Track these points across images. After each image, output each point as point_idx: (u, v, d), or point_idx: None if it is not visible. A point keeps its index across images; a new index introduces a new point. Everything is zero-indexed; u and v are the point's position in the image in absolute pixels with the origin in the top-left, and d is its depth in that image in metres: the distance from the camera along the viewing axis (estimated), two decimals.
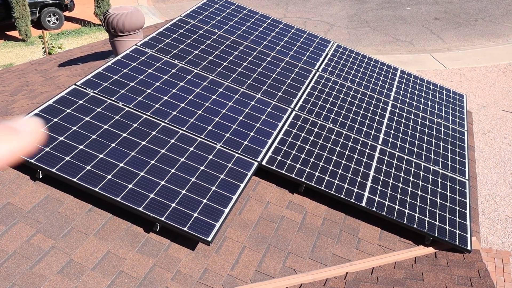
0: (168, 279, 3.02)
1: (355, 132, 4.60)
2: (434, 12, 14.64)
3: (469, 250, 3.84)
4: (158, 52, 4.64)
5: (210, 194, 3.42)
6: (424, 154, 4.67)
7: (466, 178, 4.60)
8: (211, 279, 3.13)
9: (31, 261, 2.84)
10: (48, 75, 5.72)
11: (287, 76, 4.99)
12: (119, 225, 3.24)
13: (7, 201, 3.12)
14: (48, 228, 3.05)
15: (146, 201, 3.22)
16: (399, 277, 3.47)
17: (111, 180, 3.27)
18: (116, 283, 2.89)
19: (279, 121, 4.33)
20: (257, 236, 3.53)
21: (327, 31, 13.42)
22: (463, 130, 5.31)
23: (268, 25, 5.83)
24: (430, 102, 5.56)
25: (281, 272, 3.35)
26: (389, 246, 3.84)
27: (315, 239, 3.67)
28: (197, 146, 3.76)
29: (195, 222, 3.20)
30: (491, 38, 12.91)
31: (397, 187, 4.15)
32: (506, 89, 10.37)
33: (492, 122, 9.21)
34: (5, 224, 2.98)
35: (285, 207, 3.85)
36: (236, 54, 5.04)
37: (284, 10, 15.13)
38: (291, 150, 4.09)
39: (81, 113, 3.69)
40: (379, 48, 12.56)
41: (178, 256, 3.18)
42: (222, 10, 5.77)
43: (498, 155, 8.22)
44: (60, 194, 3.29)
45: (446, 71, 11.17)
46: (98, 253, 3.02)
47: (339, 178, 4.01)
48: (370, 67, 5.75)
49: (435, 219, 3.98)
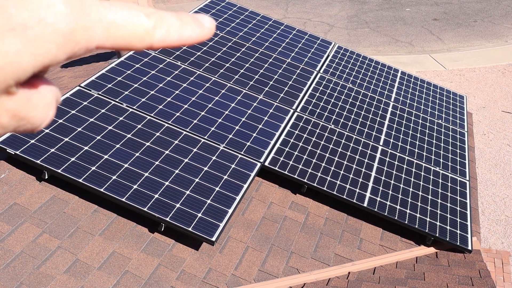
0: (173, 279, 3.05)
1: (357, 133, 4.63)
2: (434, 13, 14.69)
3: (470, 250, 3.88)
4: (161, 54, 4.68)
5: (214, 195, 3.45)
6: (425, 155, 4.71)
7: (466, 178, 4.64)
8: (215, 278, 3.16)
9: (38, 260, 2.87)
10: (51, 76, 5.75)
11: (288, 78, 5.03)
12: (124, 225, 3.27)
13: (14, 202, 3.16)
14: (54, 228, 3.09)
15: (151, 202, 3.25)
16: (400, 277, 3.50)
17: (116, 181, 3.30)
18: (121, 282, 2.93)
19: (281, 122, 4.37)
20: (260, 236, 3.56)
21: (327, 32, 13.47)
22: (463, 131, 5.35)
23: (269, 26, 5.87)
24: (431, 104, 5.60)
25: (284, 272, 3.38)
26: (390, 246, 3.88)
27: (318, 239, 3.71)
28: (201, 147, 3.79)
29: (199, 222, 3.23)
30: (490, 39, 12.96)
31: (399, 187, 4.19)
32: (505, 90, 10.42)
33: (492, 123, 9.25)
34: (12, 224, 3.01)
35: (287, 207, 3.88)
36: (238, 55, 5.08)
37: (283, 10, 15.17)
38: (293, 151, 4.13)
39: (85, 114, 3.73)
40: (378, 49, 12.61)
41: (182, 256, 3.21)
42: (224, 12, 5.80)
43: (497, 155, 8.27)
44: (66, 195, 3.32)
45: (446, 72, 11.21)
46: (103, 253, 3.05)
47: (341, 179, 4.05)
48: (371, 69, 5.79)
49: (436, 219, 4.02)
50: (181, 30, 0.40)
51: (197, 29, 0.41)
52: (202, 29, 0.41)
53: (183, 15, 0.41)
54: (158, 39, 0.38)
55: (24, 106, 0.33)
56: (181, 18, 0.40)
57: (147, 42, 0.38)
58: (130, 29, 0.37)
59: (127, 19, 0.37)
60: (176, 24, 0.39)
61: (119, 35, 0.37)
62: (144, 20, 0.38)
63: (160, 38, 0.38)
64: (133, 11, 0.38)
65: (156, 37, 0.38)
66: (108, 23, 0.36)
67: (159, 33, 0.38)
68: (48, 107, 0.36)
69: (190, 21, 0.41)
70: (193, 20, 0.41)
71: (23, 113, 0.33)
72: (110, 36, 0.36)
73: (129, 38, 0.37)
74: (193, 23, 0.41)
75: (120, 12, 0.37)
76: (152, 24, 0.38)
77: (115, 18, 0.36)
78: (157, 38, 0.38)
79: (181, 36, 0.40)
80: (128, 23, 0.37)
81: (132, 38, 0.37)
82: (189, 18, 0.41)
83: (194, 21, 0.41)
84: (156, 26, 0.38)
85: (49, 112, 0.36)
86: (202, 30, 0.41)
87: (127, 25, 0.37)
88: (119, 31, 0.36)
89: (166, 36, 0.39)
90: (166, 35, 0.39)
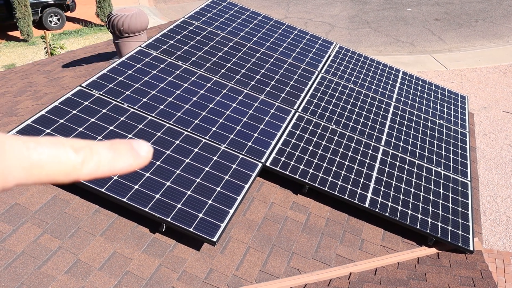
0: (174, 279, 3.05)
1: (358, 134, 4.63)
2: (435, 13, 14.66)
3: (472, 251, 3.87)
4: (162, 54, 4.67)
5: (215, 195, 3.45)
6: (426, 155, 4.71)
7: (468, 179, 4.63)
8: (217, 279, 3.16)
9: (38, 261, 2.87)
10: (52, 76, 5.75)
11: (290, 78, 5.02)
12: (125, 225, 3.27)
13: (15, 202, 3.15)
14: (55, 228, 3.08)
15: (152, 202, 3.25)
16: (402, 278, 3.50)
17: (117, 181, 3.30)
18: (122, 283, 2.92)
19: (282, 123, 4.36)
20: (261, 236, 3.56)
21: (328, 32, 13.44)
22: (465, 131, 5.35)
23: (271, 26, 5.86)
24: (432, 104, 5.59)
25: (286, 272, 3.38)
26: (392, 247, 3.87)
27: (319, 240, 3.71)
28: (202, 147, 3.79)
29: (200, 222, 3.23)
30: (491, 39, 12.94)
31: (400, 188, 4.18)
32: (506, 90, 10.40)
33: (493, 123, 9.24)
34: (13, 225, 3.01)
35: (289, 207, 3.88)
36: (239, 55, 5.08)
37: (285, 10, 15.14)
38: (294, 151, 4.13)
39: (87, 114, 3.72)
40: (380, 49, 12.59)
41: (183, 256, 3.21)
42: (225, 12, 5.80)
43: (499, 156, 8.25)
44: (67, 195, 3.32)
45: (447, 72, 11.20)
46: (104, 253, 3.05)
47: (342, 179, 4.04)
48: (372, 69, 5.79)
49: (438, 220, 4.01)
50: (113, 162, 0.39)
51: (131, 160, 0.40)
52: (137, 159, 0.41)
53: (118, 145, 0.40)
54: (86, 174, 0.38)
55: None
56: (115, 149, 0.40)
57: (73, 177, 0.38)
58: (56, 166, 0.37)
59: (53, 158, 0.37)
60: (108, 156, 0.39)
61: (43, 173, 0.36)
62: (72, 156, 0.37)
63: (88, 173, 0.38)
64: (61, 148, 0.37)
65: (84, 172, 0.38)
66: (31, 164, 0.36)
67: (87, 168, 0.38)
68: None
69: (124, 151, 0.40)
70: (128, 150, 0.40)
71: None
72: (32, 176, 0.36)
73: (54, 175, 0.37)
74: (127, 154, 0.40)
75: (46, 152, 0.36)
76: (80, 159, 0.38)
77: (40, 158, 0.36)
78: (85, 173, 0.38)
79: (113, 168, 0.40)
80: (54, 161, 0.37)
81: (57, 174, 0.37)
82: (124, 148, 0.40)
83: (128, 151, 0.40)
84: (84, 161, 0.38)
85: None
86: (136, 160, 0.41)
87: (53, 162, 0.37)
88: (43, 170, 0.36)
89: (95, 170, 0.39)
90: (95, 168, 0.39)
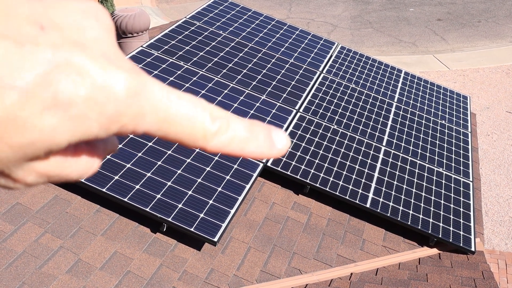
0: (175, 279, 3.05)
1: (360, 134, 4.62)
2: (438, 13, 14.64)
3: (473, 251, 3.86)
4: (164, 54, 4.68)
5: (216, 195, 3.45)
6: (428, 156, 4.70)
7: (470, 179, 4.62)
8: (217, 279, 3.16)
9: (40, 260, 2.87)
10: None
11: (291, 78, 5.02)
12: (126, 225, 3.27)
13: (16, 201, 3.16)
14: (57, 228, 3.09)
15: (153, 202, 3.25)
16: (403, 278, 3.49)
17: (118, 181, 3.30)
18: (123, 282, 2.93)
19: (284, 123, 4.36)
20: (262, 236, 3.56)
21: (330, 32, 13.44)
22: (467, 132, 5.33)
23: (272, 26, 5.86)
24: (434, 104, 5.58)
25: (287, 273, 3.38)
26: (393, 247, 3.87)
27: (320, 240, 3.70)
28: None
29: (201, 222, 3.23)
30: (494, 39, 12.91)
31: (401, 188, 4.17)
32: (509, 90, 10.38)
33: (496, 123, 9.22)
34: (14, 224, 3.02)
35: (290, 208, 3.88)
36: (241, 55, 5.08)
37: (287, 10, 15.15)
38: (296, 151, 4.12)
39: None
40: (382, 49, 12.58)
41: (184, 256, 3.21)
42: (227, 12, 5.80)
43: (501, 156, 8.23)
44: (68, 195, 3.32)
45: (450, 72, 11.18)
46: (105, 253, 3.05)
47: (343, 179, 4.04)
48: (374, 69, 5.78)
49: (439, 220, 4.00)
50: (246, 143, 0.34)
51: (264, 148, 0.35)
52: (271, 149, 0.35)
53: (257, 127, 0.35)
54: (214, 146, 0.33)
55: (56, 167, 0.30)
56: (252, 131, 0.34)
57: (200, 145, 0.33)
58: (187, 129, 0.32)
59: (188, 118, 0.32)
60: (243, 135, 0.34)
61: (173, 130, 0.32)
62: (207, 124, 0.32)
63: (217, 146, 0.33)
64: (200, 111, 0.32)
65: (213, 144, 0.33)
66: (165, 116, 0.31)
67: (217, 141, 0.33)
68: (88, 165, 0.32)
69: (261, 136, 0.35)
70: (265, 137, 0.35)
71: (54, 173, 0.30)
72: (162, 129, 0.31)
73: (182, 136, 0.32)
74: (263, 140, 0.35)
75: (184, 109, 0.32)
76: (214, 129, 0.33)
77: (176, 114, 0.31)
78: (213, 144, 0.33)
79: (243, 150, 0.34)
80: (188, 123, 0.32)
81: (186, 137, 0.32)
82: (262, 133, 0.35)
83: (265, 138, 0.35)
84: (218, 132, 0.33)
85: (91, 167, 0.32)
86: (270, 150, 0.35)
87: (187, 125, 0.32)
88: (174, 127, 0.32)
89: (225, 145, 0.33)
90: (225, 144, 0.33)
